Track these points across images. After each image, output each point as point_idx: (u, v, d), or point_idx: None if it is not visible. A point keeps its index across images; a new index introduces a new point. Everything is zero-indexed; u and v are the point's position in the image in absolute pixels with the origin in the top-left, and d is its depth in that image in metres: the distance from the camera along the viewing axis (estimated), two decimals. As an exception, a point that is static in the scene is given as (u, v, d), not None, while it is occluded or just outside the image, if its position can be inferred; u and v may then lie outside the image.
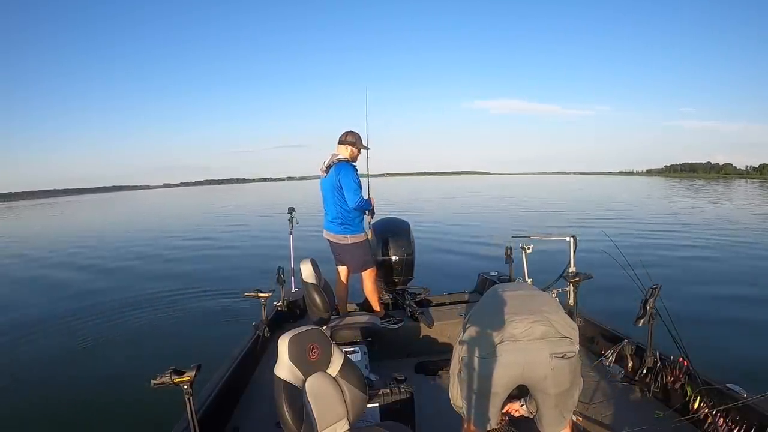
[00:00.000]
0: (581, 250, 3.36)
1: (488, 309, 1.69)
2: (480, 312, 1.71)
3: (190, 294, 7.38)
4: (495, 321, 1.58)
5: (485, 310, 1.70)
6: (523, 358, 1.53)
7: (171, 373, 1.53)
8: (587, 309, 3.13)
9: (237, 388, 2.53)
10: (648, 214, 18.28)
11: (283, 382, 1.55)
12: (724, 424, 1.91)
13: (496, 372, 1.55)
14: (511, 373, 1.56)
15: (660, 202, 26.52)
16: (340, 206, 3.28)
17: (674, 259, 8.83)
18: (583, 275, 2.93)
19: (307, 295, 2.91)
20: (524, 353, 1.52)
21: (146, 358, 4.46)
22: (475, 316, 1.70)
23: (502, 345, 1.53)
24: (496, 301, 1.68)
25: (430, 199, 32.21)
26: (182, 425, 1.74)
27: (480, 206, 24.35)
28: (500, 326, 1.56)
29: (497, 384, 1.56)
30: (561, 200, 27.58)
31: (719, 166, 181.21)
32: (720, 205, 23.21)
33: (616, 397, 2.35)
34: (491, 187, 53.57)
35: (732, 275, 7.60)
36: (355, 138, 3.35)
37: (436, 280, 5.13)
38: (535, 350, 1.52)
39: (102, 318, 6.31)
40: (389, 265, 3.85)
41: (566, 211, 19.65)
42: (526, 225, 14.87)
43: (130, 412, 3.48)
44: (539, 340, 1.52)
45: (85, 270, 9.98)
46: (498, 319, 1.58)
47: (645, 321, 2.28)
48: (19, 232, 22.95)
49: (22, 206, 74.12)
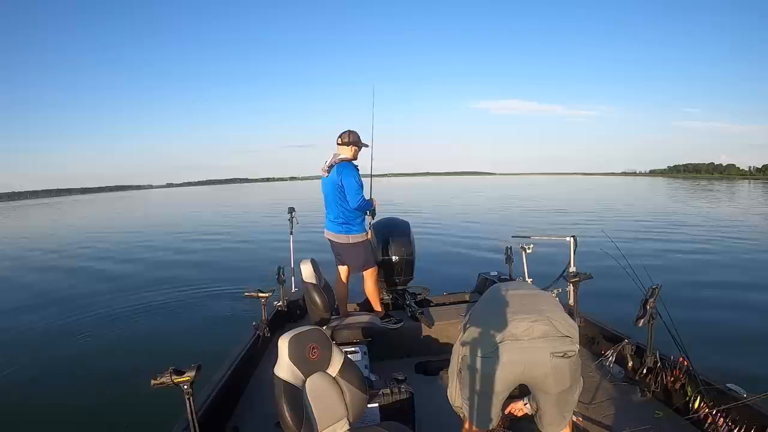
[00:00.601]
0: (581, 250, 3.36)
1: (488, 308, 1.69)
2: (480, 311, 1.71)
3: (190, 294, 7.39)
4: (496, 320, 1.58)
5: (485, 310, 1.70)
6: (524, 357, 1.53)
7: (171, 373, 1.53)
8: (587, 309, 3.13)
9: (237, 388, 2.53)
10: (648, 214, 18.27)
11: (283, 382, 1.55)
12: (724, 424, 1.91)
13: (497, 371, 1.55)
14: (512, 372, 1.56)
15: (660, 201, 26.53)
16: (341, 206, 3.28)
17: (674, 259, 8.84)
18: (583, 275, 2.93)
19: (307, 295, 2.91)
20: (525, 352, 1.52)
21: (146, 358, 4.45)
22: (475, 315, 1.70)
23: (504, 344, 1.53)
24: (497, 300, 1.68)
25: (432, 199, 32.23)
26: (182, 425, 1.74)
27: (480, 206, 24.36)
28: (501, 325, 1.56)
29: (498, 383, 1.56)
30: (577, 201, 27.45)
31: (722, 166, 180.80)
32: (721, 206, 23.20)
33: (616, 397, 2.35)
34: (495, 187, 53.52)
35: (732, 275, 7.59)
36: (355, 138, 3.35)
37: (436, 280, 5.12)
38: (535, 349, 1.52)
39: (102, 318, 6.32)
40: (389, 265, 3.84)
41: (570, 212, 19.66)
42: (526, 225, 14.87)
43: (130, 412, 3.48)
44: (540, 339, 1.53)
45: (84, 270, 9.99)
46: (498, 319, 1.58)
47: (645, 321, 2.28)
48: (21, 231, 22.96)
49: (26, 206, 74.06)
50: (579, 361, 1.64)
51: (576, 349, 1.57)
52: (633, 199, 28.14)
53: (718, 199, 28.84)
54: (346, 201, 3.25)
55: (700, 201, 26.98)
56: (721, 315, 5.46)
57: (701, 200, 27.74)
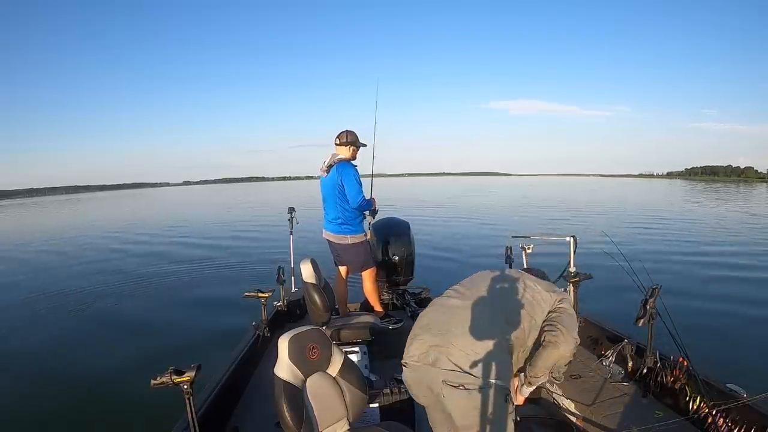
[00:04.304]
0: (581, 250, 3.36)
1: (420, 319, 1.68)
2: (418, 320, 1.70)
3: (190, 294, 7.39)
4: (412, 334, 1.61)
5: (419, 319, 1.69)
6: (420, 379, 1.53)
7: (171, 373, 1.53)
8: (587, 309, 3.13)
9: (237, 388, 2.53)
10: (648, 214, 18.28)
11: (283, 382, 1.55)
12: (724, 424, 1.91)
13: (410, 387, 1.60)
14: (414, 394, 1.59)
15: (667, 202, 26.45)
16: (340, 206, 3.28)
17: (675, 259, 8.83)
18: (583, 275, 2.93)
19: (307, 295, 2.90)
20: (420, 374, 1.52)
21: (146, 358, 4.45)
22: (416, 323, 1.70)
23: (405, 364, 1.57)
24: (427, 311, 1.68)
25: (439, 198, 32.19)
26: (182, 425, 1.74)
27: (481, 206, 24.35)
28: (410, 343, 1.58)
29: (418, 397, 1.59)
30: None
31: (740, 169, 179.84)
32: (729, 208, 23.10)
33: (616, 397, 2.35)
34: (513, 187, 53.17)
35: (732, 275, 7.60)
36: (354, 137, 3.35)
37: (436, 280, 5.12)
38: (428, 373, 1.49)
39: (101, 317, 6.32)
40: (389, 265, 3.84)
41: (573, 212, 19.64)
42: (529, 225, 14.87)
43: (130, 412, 3.48)
44: (430, 366, 1.48)
45: (83, 270, 9.97)
46: (413, 334, 1.61)
47: (645, 321, 2.28)
48: (19, 231, 22.93)
49: (47, 202, 73.59)
50: (502, 402, 1.43)
51: (478, 384, 1.40)
52: (645, 202, 27.83)
53: (725, 201, 28.71)
54: (346, 201, 3.25)
55: (708, 202, 26.87)
56: (722, 315, 5.46)
57: (709, 201, 27.60)
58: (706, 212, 19.52)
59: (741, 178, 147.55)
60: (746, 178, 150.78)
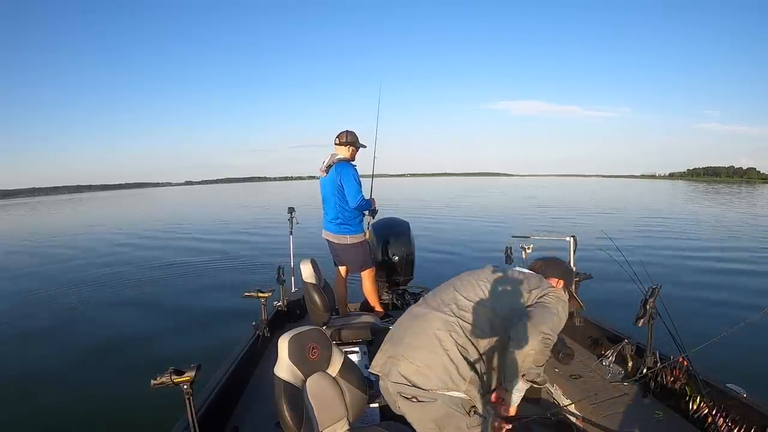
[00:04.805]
0: (581, 250, 3.36)
1: (394, 327, 1.70)
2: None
3: (190, 294, 7.39)
4: (384, 342, 1.63)
5: (393, 328, 1.72)
6: (386, 388, 1.55)
7: (171, 373, 1.53)
8: (587, 309, 3.13)
9: (237, 388, 2.53)
10: (648, 214, 18.28)
11: (283, 382, 1.55)
12: (724, 424, 1.91)
13: (384, 397, 1.61)
14: (388, 399, 1.58)
15: (667, 203, 26.44)
16: (340, 206, 3.28)
17: (675, 259, 8.83)
18: (583, 275, 2.93)
19: (307, 295, 2.90)
20: (384, 384, 1.54)
21: (146, 358, 4.45)
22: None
23: (372, 374, 1.60)
24: (399, 320, 1.70)
25: (439, 198, 32.18)
26: (182, 425, 1.74)
27: (481, 206, 24.35)
28: (378, 353, 1.60)
29: (392, 405, 1.59)
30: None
31: (743, 170, 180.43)
32: (729, 208, 23.08)
33: (616, 397, 2.34)
34: (516, 187, 53.24)
35: (733, 275, 7.59)
36: (353, 138, 3.35)
37: (436, 280, 5.09)
38: (386, 384, 1.51)
39: (101, 317, 6.31)
40: (389, 265, 3.84)
41: (575, 212, 19.64)
42: (530, 225, 14.87)
43: (130, 413, 3.48)
44: (386, 377, 1.50)
45: (84, 269, 9.96)
46: (385, 343, 1.63)
47: (645, 321, 2.28)
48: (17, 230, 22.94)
49: (49, 201, 73.29)
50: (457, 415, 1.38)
51: (430, 396, 1.37)
52: (646, 202, 27.79)
53: (726, 201, 28.66)
54: (345, 201, 3.25)
55: (708, 203, 26.83)
56: (722, 315, 5.45)
57: (710, 201, 27.56)
58: (707, 212, 19.52)
59: (743, 179, 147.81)
60: (748, 179, 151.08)
